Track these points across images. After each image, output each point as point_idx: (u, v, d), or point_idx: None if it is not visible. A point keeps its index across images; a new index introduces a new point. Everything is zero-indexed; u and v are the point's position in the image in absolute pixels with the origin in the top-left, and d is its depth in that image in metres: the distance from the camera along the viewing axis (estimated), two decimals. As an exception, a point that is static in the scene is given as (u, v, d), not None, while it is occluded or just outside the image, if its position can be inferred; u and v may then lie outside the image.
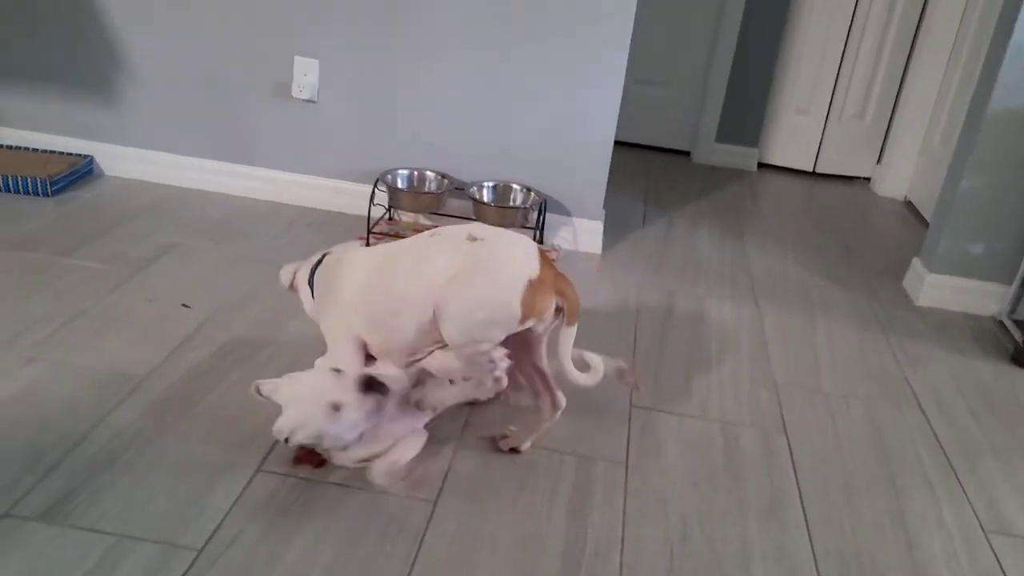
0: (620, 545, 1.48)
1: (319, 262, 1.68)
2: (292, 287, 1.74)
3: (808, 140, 3.96)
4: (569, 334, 1.56)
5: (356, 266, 1.61)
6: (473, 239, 1.51)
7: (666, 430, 1.83)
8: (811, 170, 4.02)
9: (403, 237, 2.63)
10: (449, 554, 1.41)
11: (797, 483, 1.71)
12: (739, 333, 2.31)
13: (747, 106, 3.89)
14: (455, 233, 1.55)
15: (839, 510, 1.64)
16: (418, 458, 1.59)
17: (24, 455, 1.51)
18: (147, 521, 1.40)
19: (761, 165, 4.04)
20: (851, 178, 4.01)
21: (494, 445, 1.70)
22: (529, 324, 1.50)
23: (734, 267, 2.77)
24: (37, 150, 2.82)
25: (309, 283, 1.68)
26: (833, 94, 3.84)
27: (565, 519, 1.53)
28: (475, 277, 1.47)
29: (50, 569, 1.28)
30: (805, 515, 1.61)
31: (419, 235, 1.62)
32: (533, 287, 1.47)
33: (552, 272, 1.53)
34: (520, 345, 1.59)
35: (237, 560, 1.35)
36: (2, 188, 2.60)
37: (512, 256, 1.50)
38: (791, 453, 1.80)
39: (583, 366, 1.58)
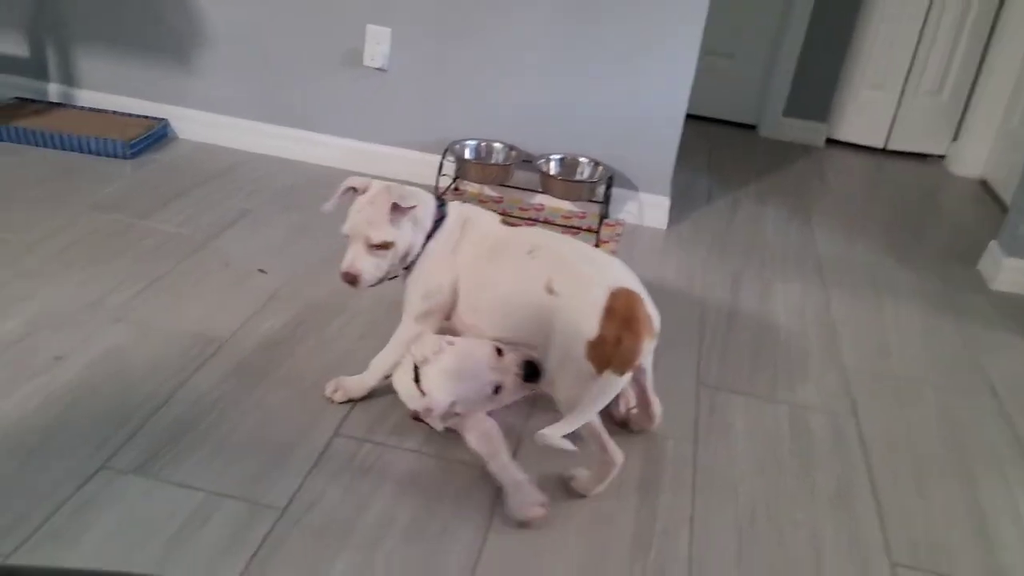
0: (689, 525, 1.50)
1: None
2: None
3: (881, 116, 3.86)
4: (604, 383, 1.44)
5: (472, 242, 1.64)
6: (551, 292, 1.49)
7: (733, 411, 1.83)
8: (882, 147, 3.92)
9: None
10: (521, 531, 1.44)
11: (868, 468, 1.70)
12: (806, 316, 2.29)
13: (818, 79, 3.80)
14: (538, 271, 1.53)
15: (911, 497, 1.63)
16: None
17: (116, 412, 1.58)
18: (232, 479, 1.45)
19: (829, 141, 3.96)
20: (924, 156, 3.91)
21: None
22: (614, 376, 1.43)
23: (801, 248, 2.74)
24: (116, 113, 2.89)
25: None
26: (910, 68, 3.73)
27: (635, 496, 1.55)
28: (559, 341, 1.47)
29: (147, 520, 1.34)
30: (876, 501, 1.61)
31: (516, 246, 1.60)
32: (593, 346, 1.42)
33: (614, 326, 1.43)
34: None
35: (318, 520, 1.39)
36: (84, 149, 2.68)
37: (577, 317, 1.45)
38: (861, 438, 1.79)
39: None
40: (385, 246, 1.58)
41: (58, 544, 1.28)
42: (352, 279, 1.58)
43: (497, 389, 1.50)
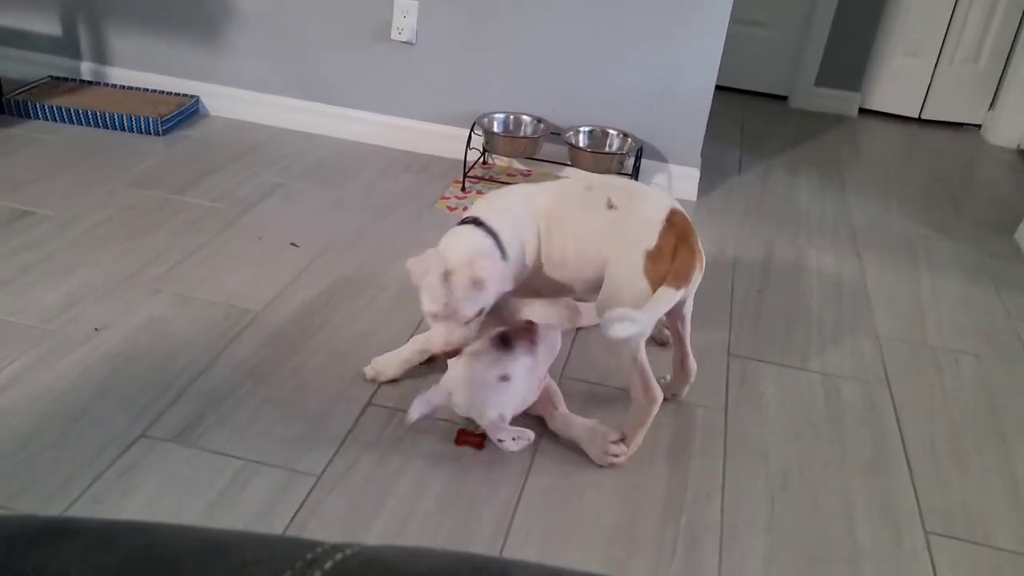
0: (720, 492, 1.50)
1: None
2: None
3: (915, 84, 3.79)
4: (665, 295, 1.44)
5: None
6: (611, 206, 1.52)
7: (765, 380, 1.82)
8: (917, 116, 3.85)
9: (497, 181, 2.65)
10: (551, 496, 1.45)
11: (901, 437, 1.69)
12: (840, 285, 2.27)
13: (851, 48, 3.73)
14: (597, 196, 1.55)
15: (946, 465, 1.62)
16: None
17: (155, 381, 1.61)
18: (269, 447, 1.48)
19: (863, 111, 3.89)
20: (960, 125, 3.83)
21: (592, 390, 1.72)
22: (670, 290, 1.44)
23: (835, 217, 2.70)
24: (148, 90, 2.92)
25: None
26: (946, 35, 3.65)
27: (665, 464, 1.55)
28: (616, 254, 1.50)
29: (187, 485, 1.37)
30: (910, 469, 1.60)
31: (575, 186, 1.62)
32: (652, 258, 1.45)
33: (672, 238, 1.47)
34: None
35: (353, 487, 1.42)
36: (118, 127, 2.71)
37: (637, 226, 1.50)
38: (895, 406, 1.78)
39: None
40: (477, 315, 1.49)
41: (101, 509, 1.32)
42: (454, 351, 1.50)
43: (506, 378, 1.46)
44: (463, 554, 0.43)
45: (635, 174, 2.62)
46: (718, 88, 3.93)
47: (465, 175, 2.61)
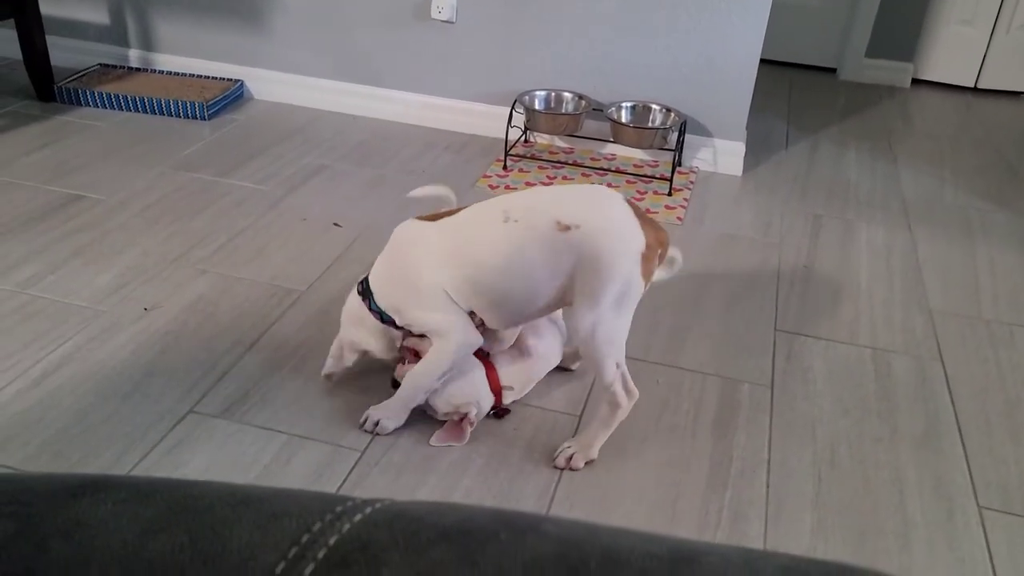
0: (766, 467, 1.48)
1: (365, 287, 1.50)
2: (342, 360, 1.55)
3: (971, 53, 3.66)
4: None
5: (425, 246, 1.43)
6: (565, 228, 1.32)
7: (812, 355, 1.79)
8: (972, 86, 3.72)
9: (539, 159, 2.64)
10: (594, 470, 1.45)
11: (955, 411, 1.64)
12: (891, 259, 2.21)
13: (903, 17, 3.62)
14: (541, 223, 1.34)
15: (1000, 440, 1.57)
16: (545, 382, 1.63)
17: (203, 358, 1.64)
18: (313, 423, 1.50)
19: (915, 81, 3.78)
20: (1018, 94, 3.70)
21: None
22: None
23: (885, 191, 2.64)
24: (194, 75, 2.97)
25: (371, 307, 1.47)
26: (1002, 3, 3.52)
27: (710, 439, 1.53)
28: (594, 276, 1.33)
29: (235, 459, 1.40)
30: (963, 444, 1.56)
31: (487, 216, 1.39)
32: (646, 257, 1.34)
33: (651, 228, 1.36)
34: None
35: (396, 463, 1.43)
36: (165, 112, 2.76)
37: (619, 240, 1.33)
38: (948, 381, 1.73)
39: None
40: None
41: (153, 481, 1.35)
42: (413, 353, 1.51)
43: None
44: (492, 509, 0.43)
45: (679, 149, 2.58)
46: (764, 61, 3.85)
47: (507, 153, 2.60)
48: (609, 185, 2.53)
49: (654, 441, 1.52)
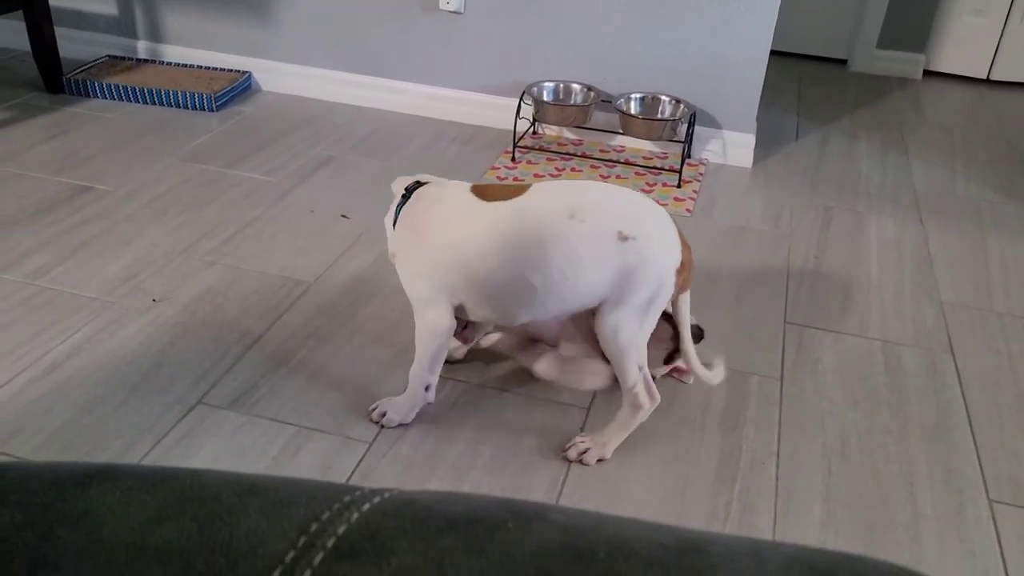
0: (776, 459, 1.47)
1: (410, 192, 1.48)
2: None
3: (984, 44, 3.63)
4: (687, 300, 1.44)
5: (466, 214, 1.39)
6: (624, 238, 1.32)
7: (822, 347, 1.78)
8: (985, 77, 3.69)
9: (547, 151, 2.63)
10: (604, 463, 1.44)
11: (966, 405, 1.63)
12: (902, 251, 2.20)
13: (915, 8, 3.59)
14: (602, 227, 1.33)
15: (1012, 434, 1.56)
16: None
17: (211, 349, 1.64)
18: (321, 414, 1.50)
19: (927, 73, 3.75)
20: (1031, 86, 3.67)
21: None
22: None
23: (896, 183, 2.62)
24: (202, 67, 2.97)
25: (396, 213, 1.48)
26: (1015, -8, 3.49)
27: (719, 431, 1.53)
28: (631, 284, 1.34)
29: (242, 452, 1.40)
30: (974, 437, 1.55)
31: (553, 207, 1.35)
32: (680, 273, 1.37)
33: (685, 244, 1.39)
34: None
35: (403, 455, 1.43)
36: (173, 103, 2.76)
37: (663, 252, 1.35)
38: (959, 374, 1.72)
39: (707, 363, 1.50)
40: None
41: (162, 471, 1.35)
42: None
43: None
44: (500, 498, 0.42)
45: (688, 141, 2.57)
46: (775, 53, 3.83)
47: (515, 145, 2.60)
48: (618, 177, 2.52)
49: (663, 434, 1.51)
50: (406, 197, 1.48)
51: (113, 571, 0.37)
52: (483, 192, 1.41)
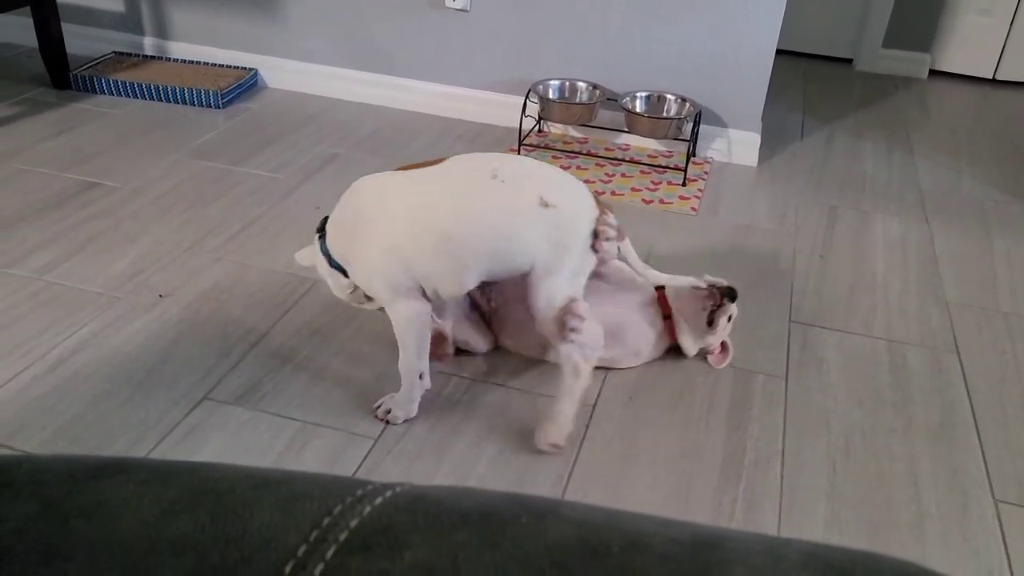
0: (780, 457, 1.47)
1: (323, 229, 1.49)
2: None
3: (990, 44, 3.62)
4: (629, 247, 1.49)
5: (394, 190, 1.41)
6: (546, 205, 1.37)
7: (827, 346, 1.78)
8: (991, 77, 3.69)
9: (552, 148, 2.63)
10: (607, 459, 1.45)
11: (971, 404, 1.63)
12: (907, 250, 2.20)
13: (921, 7, 3.58)
14: (523, 190, 1.38)
15: (1017, 433, 1.56)
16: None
17: (217, 345, 1.65)
18: (327, 410, 1.50)
19: (933, 72, 3.74)
20: (1037, 86, 3.66)
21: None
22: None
23: (901, 182, 2.61)
24: (208, 64, 2.97)
25: (324, 252, 1.47)
26: (1022, -9, 3.48)
27: (724, 430, 1.53)
28: (558, 254, 1.39)
29: (249, 446, 1.41)
30: (979, 437, 1.55)
31: (476, 168, 1.42)
32: (596, 236, 1.42)
33: (601, 207, 1.46)
34: None
35: (409, 451, 1.43)
36: (180, 100, 2.77)
37: (583, 220, 1.42)
38: (964, 373, 1.72)
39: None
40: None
41: (168, 466, 1.35)
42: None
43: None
44: (511, 493, 0.43)
45: (694, 140, 2.57)
46: (780, 52, 3.82)
47: (520, 143, 2.60)
48: (623, 175, 2.52)
49: (668, 431, 1.51)
50: (322, 234, 1.48)
51: (127, 563, 0.38)
52: (405, 168, 1.44)
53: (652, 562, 0.36)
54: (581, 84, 2.68)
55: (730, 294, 1.61)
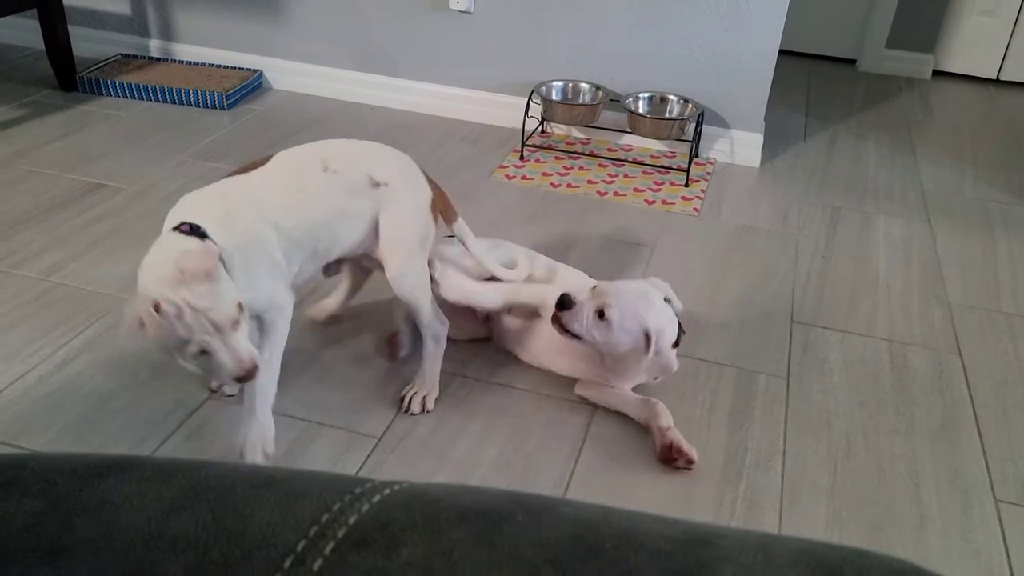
0: (781, 457, 1.48)
1: (198, 230, 1.40)
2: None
3: (993, 44, 3.62)
4: (464, 227, 1.59)
5: (242, 194, 1.42)
6: (376, 184, 1.45)
7: (829, 347, 1.78)
8: (995, 78, 3.68)
9: (556, 149, 2.64)
10: (609, 457, 1.45)
11: (972, 405, 1.63)
12: (909, 251, 2.20)
13: (924, 7, 3.58)
14: (354, 175, 1.44)
15: (1019, 435, 1.57)
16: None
17: (221, 346, 1.65)
18: (331, 410, 1.51)
19: (936, 73, 3.74)
20: (1041, 86, 3.65)
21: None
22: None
23: (904, 183, 2.62)
24: (213, 65, 2.98)
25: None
26: (1026, -8, 3.47)
27: (725, 429, 1.53)
28: (398, 229, 1.49)
29: (251, 447, 1.41)
30: (981, 438, 1.55)
31: (308, 162, 1.45)
32: (435, 208, 1.54)
33: (433, 184, 1.57)
34: None
35: (412, 450, 1.44)
36: (185, 101, 2.78)
37: (413, 192, 1.52)
38: (966, 374, 1.72)
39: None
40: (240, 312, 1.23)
41: (173, 466, 1.36)
42: (250, 372, 1.24)
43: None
44: (508, 491, 0.43)
45: (696, 140, 2.57)
46: (783, 52, 3.82)
47: (524, 144, 2.60)
48: (625, 176, 2.52)
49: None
50: (202, 236, 1.36)
51: (130, 559, 0.38)
52: (244, 170, 1.47)
53: (645, 559, 0.36)
54: (584, 85, 2.69)
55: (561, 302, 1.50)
